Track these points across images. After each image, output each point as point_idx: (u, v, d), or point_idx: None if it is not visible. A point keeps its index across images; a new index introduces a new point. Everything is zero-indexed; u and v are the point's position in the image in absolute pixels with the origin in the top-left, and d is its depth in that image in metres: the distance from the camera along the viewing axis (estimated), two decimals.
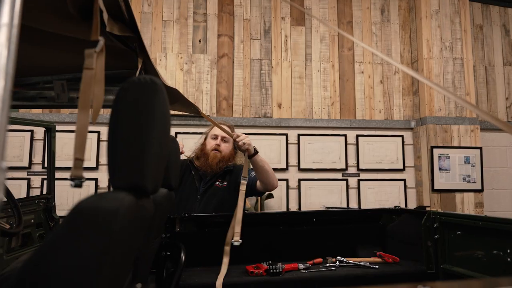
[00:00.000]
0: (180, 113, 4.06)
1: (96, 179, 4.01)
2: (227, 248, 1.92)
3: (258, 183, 2.30)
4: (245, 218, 2.28)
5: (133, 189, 0.70)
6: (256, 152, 2.21)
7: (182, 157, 2.43)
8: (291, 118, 4.30)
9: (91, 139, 3.99)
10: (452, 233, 1.87)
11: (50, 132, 2.71)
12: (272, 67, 4.37)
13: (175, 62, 4.16)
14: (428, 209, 2.03)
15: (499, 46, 4.75)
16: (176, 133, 4.15)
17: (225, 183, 2.37)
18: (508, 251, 1.57)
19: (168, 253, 1.91)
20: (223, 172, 2.39)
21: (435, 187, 4.06)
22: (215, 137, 2.39)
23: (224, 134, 2.33)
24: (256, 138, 4.04)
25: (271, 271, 1.84)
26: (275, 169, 2.59)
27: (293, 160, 4.26)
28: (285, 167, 4.20)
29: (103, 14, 1.27)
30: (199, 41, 4.31)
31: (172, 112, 4.12)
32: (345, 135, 4.36)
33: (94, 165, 4.02)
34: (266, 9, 4.44)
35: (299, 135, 4.28)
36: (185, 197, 2.31)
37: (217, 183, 2.38)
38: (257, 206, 3.93)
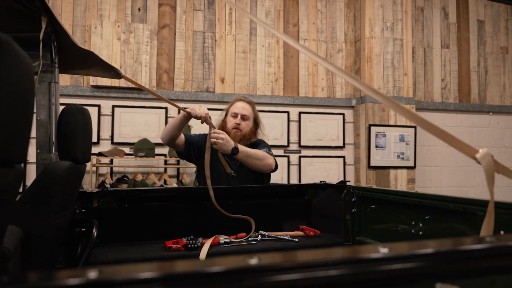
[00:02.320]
0: (117, 84, 3.88)
1: None
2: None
3: None
4: (169, 192, 2.24)
5: None
6: (235, 152, 2.16)
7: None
8: (234, 93, 4.24)
9: None
10: (367, 206, 1.93)
11: None
12: (215, 40, 4.26)
13: (112, 31, 3.94)
14: (348, 183, 2.08)
15: (438, 28, 4.91)
16: (114, 106, 3.97)
17: None
18: (413, 223, 1.65)
19: (82, 229, 1.83)
20: (249, 147, 2.36)
21: (371, 164, 4.21)
22: (235, 116, 2.34)
23: (245, 112, 2.34)
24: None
25: (189, 246, 1.81)
26: None
27: None
28: None
29: None
30: (139, 9, 4.10)
31: (108, 83, 3.86)
32: (287, 112, 4.38)
33: None
34: None
35: None
36: (219, 173, 2.26)
37: None
38: (195, 181, 3.89)
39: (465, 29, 5.01)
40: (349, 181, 2.16)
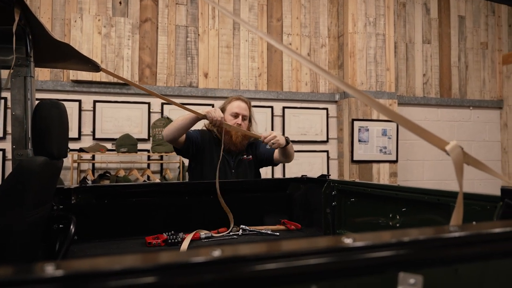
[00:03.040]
0: (98, 79, 3.82)
1: (3, 150, 3.70)
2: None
3: (275, 155, 2.43)
4: (149, 188, 2.23)
5: None
6: (288, 142, 2.30)
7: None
8: (217, 88, 4.22)
9: None
10: (347, 200, 1.95)
11: None
12: (198, 34, 4.22)
13: (92, 25, 3.87)
14: (330, 177, 2.09)
15: (419, 24, 4.96)
16: (95, 101, 3.91)
17: (250, 156, 2.45)
18: (391, 215, 1.67)
19: (60, 226, 1.80)
20: (246, 146, 2.46)
21: (355, 158, 4.25)
22: (236, 115, 2.36)
23: (245, 112, 2.38)
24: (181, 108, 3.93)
25: (170, 241, 1.80)
26: None
27: None
28: None
29: None
30: (120, 3, 4.03)
31: (89, 78, 3.80)
32: (271, 107, 4.38)
33: (1, 135, 3.70)
34: None
35: None
36: (215, 169, 2.23)
37: (245, 156, 2.45)
38: (179, 177, 3.87)
39: (446, 24, 5.08)
40: (330, 175, 2.18)
